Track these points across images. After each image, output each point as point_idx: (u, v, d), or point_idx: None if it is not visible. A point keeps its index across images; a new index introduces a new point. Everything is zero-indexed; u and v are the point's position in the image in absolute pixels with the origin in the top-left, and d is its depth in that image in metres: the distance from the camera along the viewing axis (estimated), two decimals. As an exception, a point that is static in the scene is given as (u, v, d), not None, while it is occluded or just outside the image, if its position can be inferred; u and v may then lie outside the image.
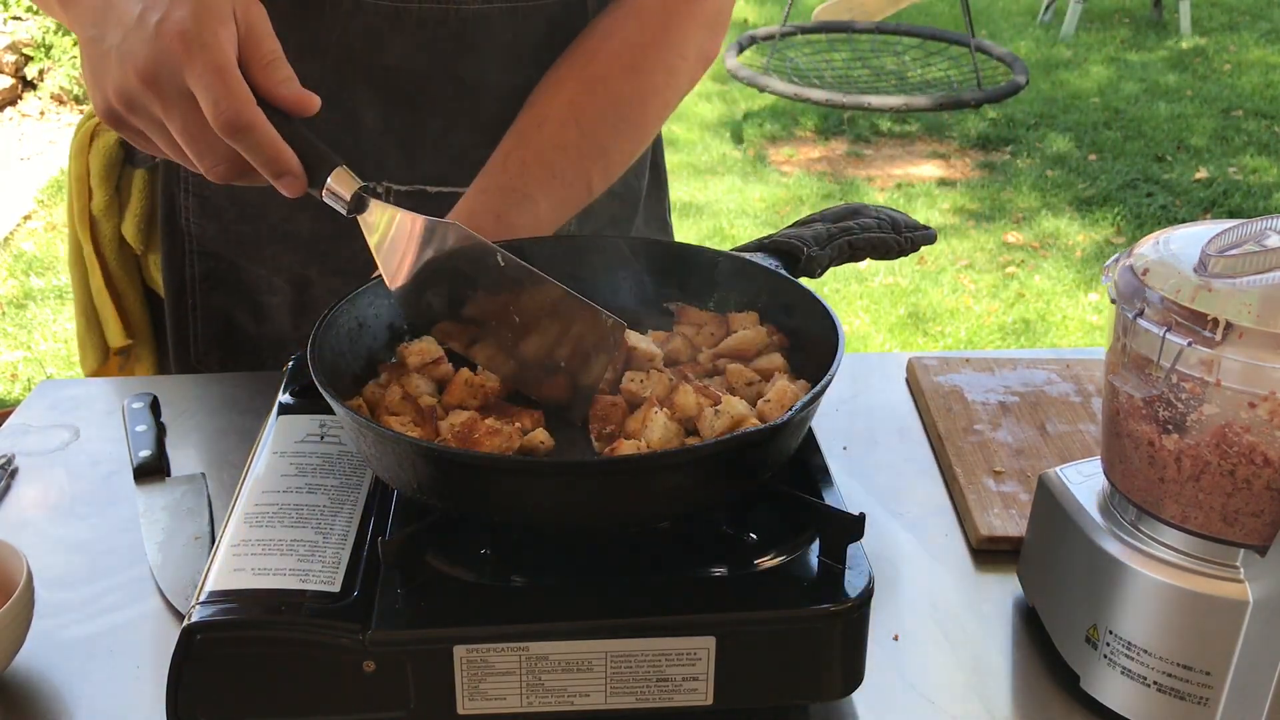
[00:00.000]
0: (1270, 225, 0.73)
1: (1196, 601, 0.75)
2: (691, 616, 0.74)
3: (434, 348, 0.91)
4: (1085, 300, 3.88)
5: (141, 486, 1.06)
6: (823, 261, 0.97)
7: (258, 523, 0.81)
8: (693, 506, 0.80)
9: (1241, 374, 0.70)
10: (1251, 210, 4.45)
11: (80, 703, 0.83)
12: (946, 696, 0.84)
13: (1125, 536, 0.80)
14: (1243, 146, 5.06)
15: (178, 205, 1.27)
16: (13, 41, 5.46)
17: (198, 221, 1.27)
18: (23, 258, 4.10)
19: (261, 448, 0.90)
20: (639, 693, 0.75)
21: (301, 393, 0.96)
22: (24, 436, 1.15)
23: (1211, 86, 5.74)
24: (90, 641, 0.88)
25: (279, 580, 0.76)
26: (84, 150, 1.31)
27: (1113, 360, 0.79)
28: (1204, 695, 0.77)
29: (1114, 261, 0.79)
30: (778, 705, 0.79)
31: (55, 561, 0.96)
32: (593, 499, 0.76)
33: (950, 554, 0.99)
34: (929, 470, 1.09)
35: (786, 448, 0.81)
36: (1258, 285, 0.70)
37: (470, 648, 0.73)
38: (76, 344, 1.40)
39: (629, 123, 1.15)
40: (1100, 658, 0.80)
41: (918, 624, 0.91)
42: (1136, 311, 0.74)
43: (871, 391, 1.22)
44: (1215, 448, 0.73)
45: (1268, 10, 6.92)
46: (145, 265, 1.36)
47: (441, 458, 0.75)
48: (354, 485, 0.85)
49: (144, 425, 1.12)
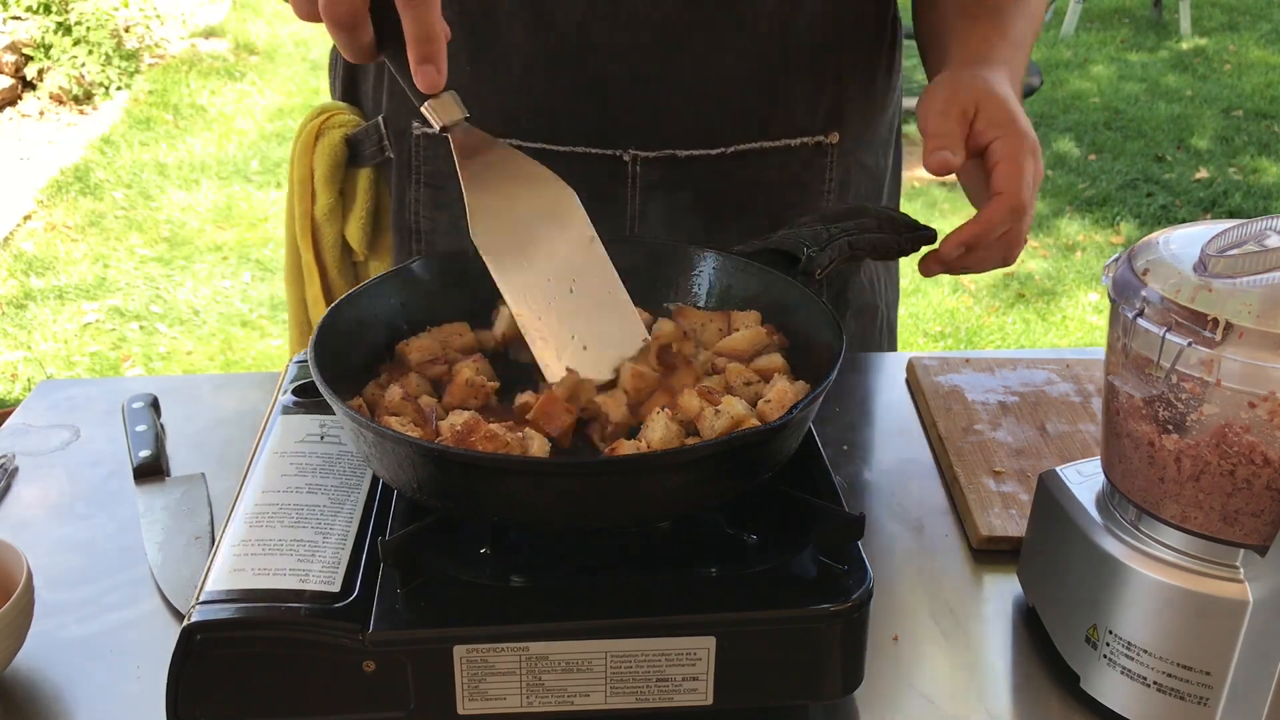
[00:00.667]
0: (1270, 225, 0.73)
1: (1196, 601, 0.75)
2: (691, 616, 0.74)
3: (434, 345, 0.91)
4: (1085, 300, 3.88)
5: (141, 486, 1.06)
6: (823, 263, 0.97)
7: (258, 523, 0.81)
8: (693, 506, 0.80)
9: (1241, 374, 0.70)
10: (1251, 210, 4.45)
11: (80, 703, 0.83)
12: (946, 696, 0.84)
13: (1125, 536, 0.80)
14: (1243, 146, 5.06)
15: (407, 199, 1.26)
16: (13, 41, 5.46)
17: (428, 215, 1.26)
18: (23, 258, 4.10)
19: (262, 448, 0.90)
20: (639, 693, 0.75)
21: (301, 393, 0.96)
22: (24, 436, 1.15)
23: (1212, 86, 5.74)
24: (90, 641, 0.88)
25: (279, 580, 0.76)
26: (308, 151, 1.28)
27: (1113, 360, 0.79)
28: (1204, 695, 0.77)
29: (1114, 261, 0.79)
30: (778, 705, 0.79)
31: (55, 561, 0.96)
32: (593, 499, 0.76)
33: (950, 554, 0.99)
34: (929, 470, 1.09)
35: (786, 448, 0.81)
36: (1258, 285, 0.70)
37: (470, 648, 0.73)
38: (289, 355, 1.38)
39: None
40: (1100, 658, 0.80)
41: (918, 624, 0.91)
42: (1136, 311, 0.74)
43: (871, 391, 1.22)
44: (1215, 448, 0.73)
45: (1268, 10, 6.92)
46: (365, 273, 1.35)
47: (441, 458, 0.75)
48: (354, 485, 0.86)
49: (144, 425, 1.12)
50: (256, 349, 3.60)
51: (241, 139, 5.14)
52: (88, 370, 3.47)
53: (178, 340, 3.64)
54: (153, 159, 4.91)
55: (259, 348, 3.61)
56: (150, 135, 5.15)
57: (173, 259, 4.12)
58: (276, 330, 3.69)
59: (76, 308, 3.78)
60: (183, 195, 4.59)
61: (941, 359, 1.23)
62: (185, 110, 5.44)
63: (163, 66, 5.92)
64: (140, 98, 5.53)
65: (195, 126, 5.29)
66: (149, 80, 5.72)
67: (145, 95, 5.56)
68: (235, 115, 5.42)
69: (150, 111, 5.40)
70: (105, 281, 3.96)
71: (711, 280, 0.99)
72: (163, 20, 6.22)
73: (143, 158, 4.92)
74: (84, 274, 4.00)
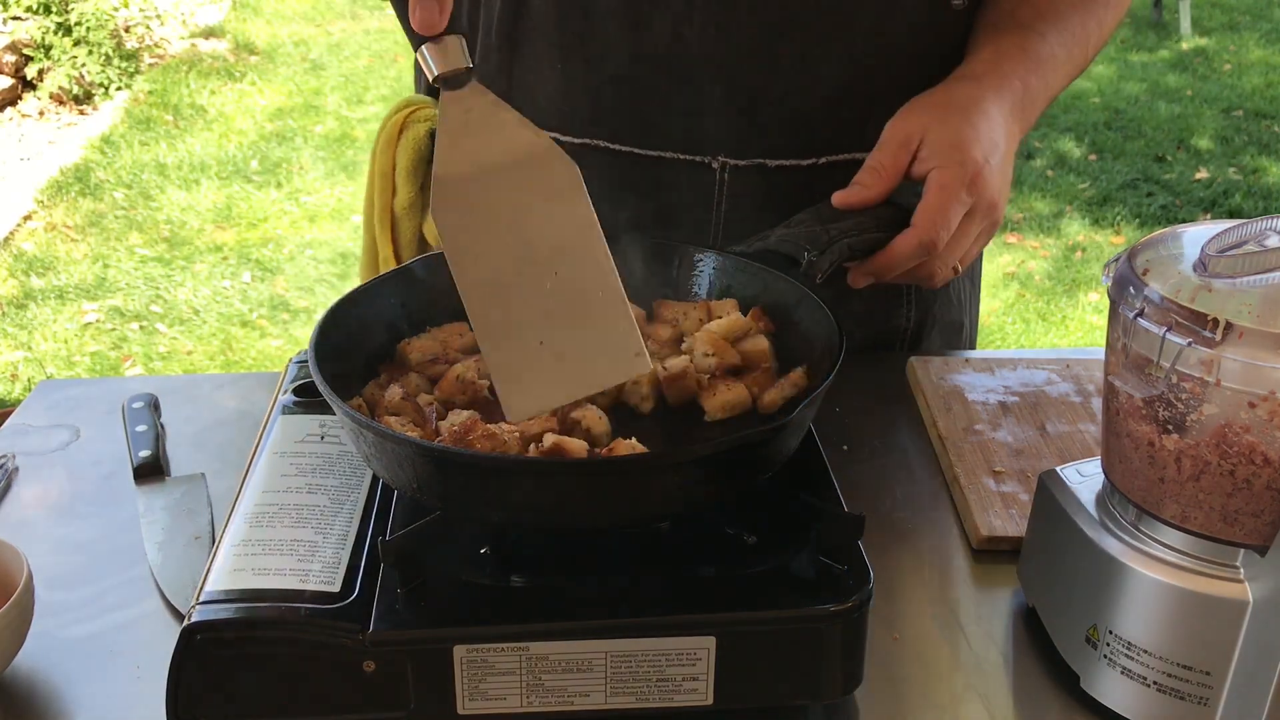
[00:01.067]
0: (1270, 225, 0.73)
1: (1196, 601, 0.75)
2: (691, 616, 0.74)
3: (434, 345, 0.91)
4: (1085, 300, 3.88)
5: (141, 486, 1.06)
6: (823, 267, 0.96)
7: (258, 523, 0.81)
8: (692, 506, 0.80)
9: (1241, 374, 0.70)
10: (1252, 210, 4.45)
11: (80, 703, 0.83)
12: (946, 696, 0.84)
13: (1125, 536, 0.80)
14: (1243, 146, 5.06)
15: None
16: (13, 41, 5.46)
17: None
18: (23, 258, 4.10)
19: (262, 448, 0.90)
20: (639, 693, 0.75)
21: (301, 393, 0.96)
22: (24, 436, 1.15)
23: (1212, 86, 5.74)
24: (90, 641, 0.88)
25: (279, 580, 0.76)
26: (392, 144, 1.26)
27: (1112, 360, 0.79)
28: (1204, 695, 0.77)
29: (1114, 261, 0.79)
30: (778, 705, 0.79)
31: (55, 561, 0.96)
32: (592, 499, 0.76)
33: (950, 554, 0.99)
34: (929, 470, 1.09)
35: (786, 448, 0.81)
36: (1258, 285, 0.70)
37: (470, 648, 0.73)
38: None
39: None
40: (1100, 658, 0.80)
41: (918, 624, 0.91)
42: (1136, 311, 0.74)
43: (871, 391, 1.22)
44: (1215, 448, 0.73)
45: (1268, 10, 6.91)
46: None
47: (441, 458, 0.75)
48: (354, 485, 0.86)
49: (144, 425, 1.12)
50: (256, 349, 3.60)
51: (241, 139, 5.14)
52: (88, 370, 3.47)
53: (178, 340, 3.64)
54: (153, 159, 4.91)
55: (259, 348, 3.61)
56: (150, 135, 5.15)
57: (173, 259, 4.12)
58: (276, 330, 3.69)
59: (76, 308, 3.78)
60: (183, 195, 4.59)
61: (942, 359, 1.23)
62: (185, 110, 5.44)
63: (163, 66, 5.92)
64: (140, 98, 5.53)
65: (195, 126, 5.29)
66: (149, 80, 5.72)
67: (145, 95, 5.56)
68: (235, 115, 5.42)
69: (150, 111, 5.40)
70: (105, 281, 3.96)
71: (711, 280, 0.99)
72: (163, 20, 6.22)
73: (143, 158, 4.92)
74: (84, 274, 4.00)
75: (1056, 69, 1.13)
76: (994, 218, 1.05)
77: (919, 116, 1.05)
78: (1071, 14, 1.14)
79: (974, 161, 1.01)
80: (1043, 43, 1.12)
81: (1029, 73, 1.10)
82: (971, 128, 1.03)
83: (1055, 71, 1.13)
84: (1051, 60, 1.12)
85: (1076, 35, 1.15)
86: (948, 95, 1.07)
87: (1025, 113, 1.10)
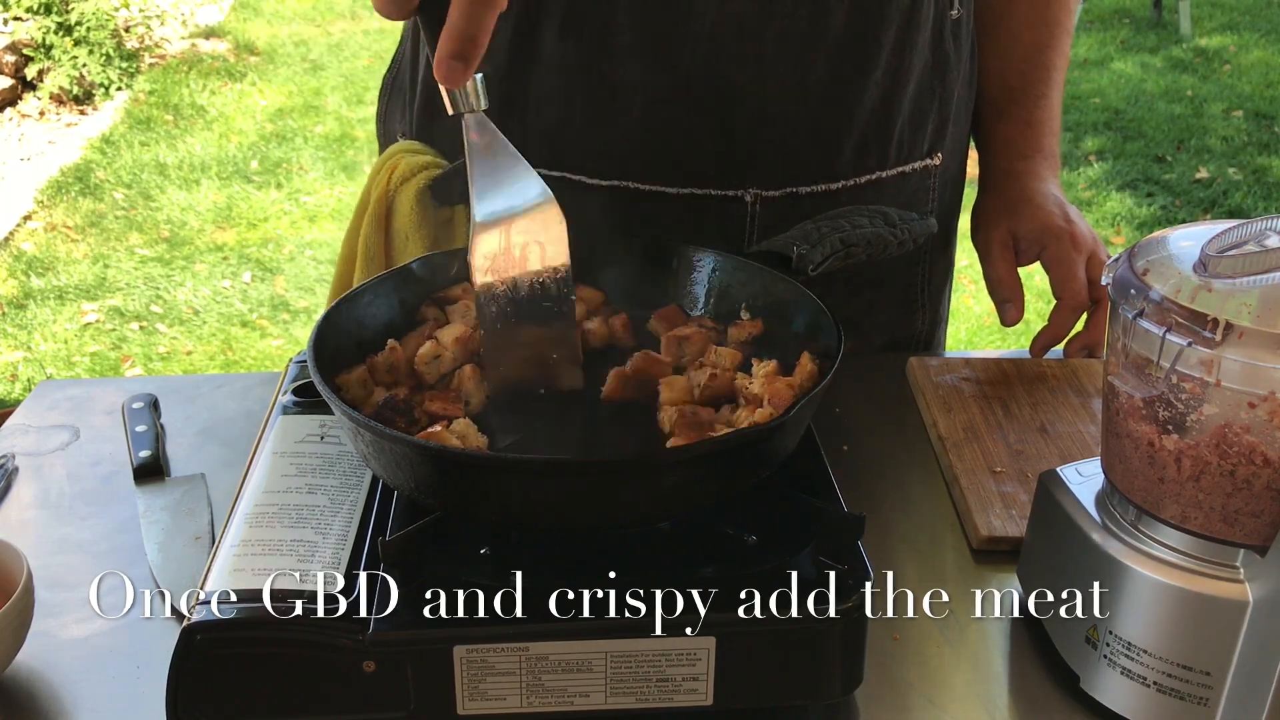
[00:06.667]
0: (1270, 225, 0.73)
1: (1196, 601, 0.75)
2: (691, 616, 0.74)
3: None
4: (1085, 300, 3.88)
5: (141, 486, 1.06)
6: (814, 259, 0.96)
7: (258, 523, 0.81)
8: (692, 506, 0.80)
9: (1241, 374, 0.70)
10: (1251, 210, 4.45)
11: (80, 703, 0.83)
12: (946, 696, 0.84)
13: (1125, 536, 0.80)
14: (1243, 146, 5.05)
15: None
16: (13, 41, 5.46)
17: None
18: (23, 258, 4.10)
19: (262, 448, 0.90)
20: (639, 693, 0.75)
21: (301, 393, 0.96)
22: (24, 436, 1.15)
23: (1212, 86, 5.74)
24: (90, 641, 0.88)
25: (279, 580, 0.76)
26: (381, 223, 1.22)
27: (1113, 360, 0.79)
28: (1204, 695, 0.77)
29: (1114, 261, 0.79)
30: (777, 705, 0.79)
31: (55, 561, 0.96)
32: (591, 498, 0.76)
33: (950, 554, 0.99)
34: (929, 470, 1.09)
35: (785, 447, 0.81)
36: (1258, 285, 0.70)
37: (470, 648, 0.73)
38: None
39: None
40: (1100, 658, 0.80)
41: (918, 624, 0.91)
42: (1136, 311, 0.74)
43: (871, 391, 1.22)
44: (1215, 448, 0.73)
45: (1268, 10, 6.92)
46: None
47: (441, 458, 0.75)
48: (354, 485, 0.86)
49: (144, 425, 1.12)
50: (256, 349, 3.60)
51: (241, 139, 5.14)
52: (87, 370, 3.47)
53: (178, 340, 3.64)
54: (153, 159, 4.91)
55: (259, 348, 3.61)
56: (150, 135, 5.15)
57: (173, 259, 4.12)
58: (276, 330, 3.69)
59: (76, 308, 3.78)
60: (183, 195, 4.59)
61: (941, 359, 1.23)
62: (185, 110, 5.44)
63: (163, 66, 5.92)
64: (140, 98, 5.53)
65: (195, 126, 5.29)
66: (149, 80, 5.72)
67: (145, 95, 5.56)
68: (235, 115, 5.42)
69: (150, 111, 5.40)
70: (105, 282, 3.96)
71: (711, 280, 0.99)
72: (163, 20, 6.22)
73: (143, 158, 4.92)
74: (84, 274, 4.00)
75: (1056, 107, 1.29)
76: (1100, 250, 1.23)
77: (998, 221, 1.26)
78: (1047, 52, 1.28)
79: (1061, 229, 1.21)
80: (1041, 103, 1.27)
81: (1042, 137, 1.27)
82: (1041, 207, 1.23)
83: (1056, 109, 1.29)
84: (1051, 109, 1.28)
85: (1059, 66, 1.29)
86: (1001, 198, 1.27)
87: (1054, 161, 1.28)
